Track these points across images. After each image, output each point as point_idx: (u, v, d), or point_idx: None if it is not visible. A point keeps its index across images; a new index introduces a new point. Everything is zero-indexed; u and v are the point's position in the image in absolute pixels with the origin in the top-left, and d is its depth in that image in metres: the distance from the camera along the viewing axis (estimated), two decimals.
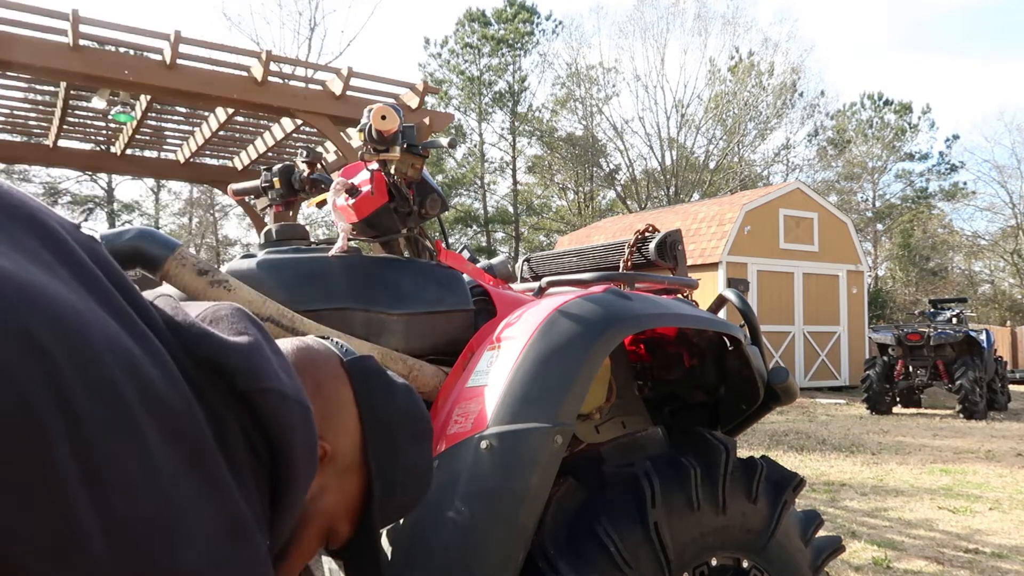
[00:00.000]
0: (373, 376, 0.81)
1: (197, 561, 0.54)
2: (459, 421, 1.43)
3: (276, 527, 0.64)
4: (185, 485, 0.54)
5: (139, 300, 0.62)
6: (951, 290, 26.78)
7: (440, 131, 6.58)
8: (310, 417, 0.67)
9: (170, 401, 0.56)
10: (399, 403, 0.82)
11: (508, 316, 1.58)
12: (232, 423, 0.61)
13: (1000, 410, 10.48)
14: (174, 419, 0.56)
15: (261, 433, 0.62)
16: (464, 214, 29.52)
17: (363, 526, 0.79)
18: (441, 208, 1.77)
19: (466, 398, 1.46)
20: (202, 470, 0.56)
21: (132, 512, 0.50)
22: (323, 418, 0.73)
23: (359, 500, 0.78)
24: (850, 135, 31.71)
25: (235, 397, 0.62)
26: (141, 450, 0.52)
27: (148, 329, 0.59)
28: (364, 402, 0.78)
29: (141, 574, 0.51)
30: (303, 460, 0.66)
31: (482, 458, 1.33)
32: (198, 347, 0.63)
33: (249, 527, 0.59)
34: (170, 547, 0.52)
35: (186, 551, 0.53)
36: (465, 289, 1.68)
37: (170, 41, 5.49)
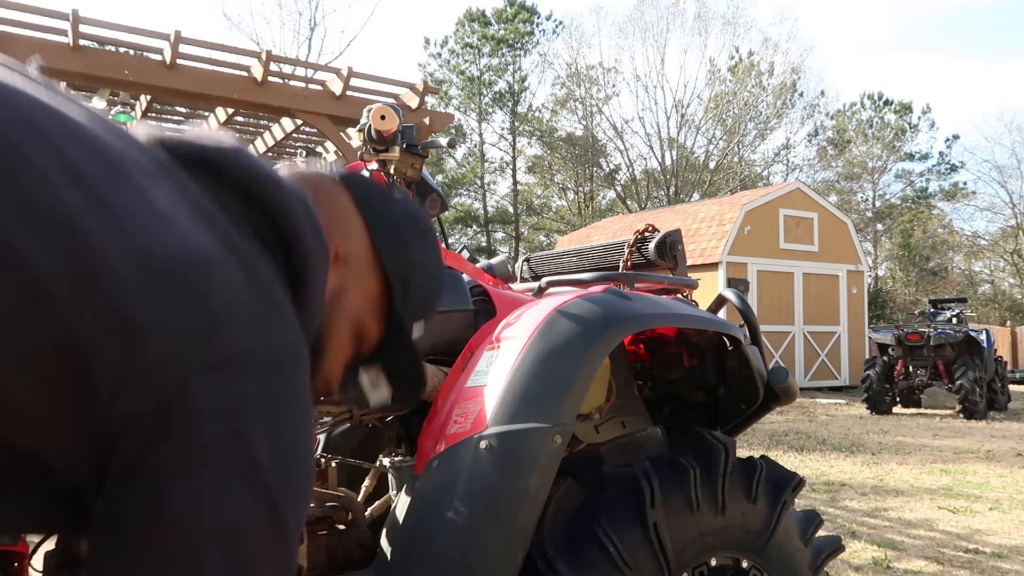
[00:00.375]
0: (369, 186, 0.83)
1: (230, 300, 0.53)
2: (459, 421, 1.43)
3: (302, 320, 0.64)
4: (205, 238, 0.54)
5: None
6: (951, 290, 26.77)
7: (440, 131, 6.58)
8: (309, 205, 0.68)
9: (171, 176, 0.58)
10: (399, 207, 0.84)
11: (508, 316, 1.58)
12: (235, 210, 0.61)
13: (1000, 410, 10.47)
14: (176, 184, 0.57)
15: (266, 222, 0.62)
16: (464, 214, 29.52)
17: (391, 323, 0.82)
18: (441, 208, 1.77)
19: (466, 398, 1.46)
20: (217, 232, 0.56)
21: (155, 245, 0.50)
22: (329, 227, 0.73)
23: (381, 298, 0.81)
24: (850, 135, 31.70)
25: (232, 190, 0.62)
26: (146, 196, 0.53)
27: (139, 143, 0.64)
28: (366, 209, 0.80)
29: (177, 309, 0.50)
30: (313, 245, 0.65)
31: (482, 458, 1.33)
32: (191, 149, 0.67)
33: (275, 289, 0.58)
34: (205, 281, 0.52)
35: (220, 287, 0.53)
36: (465, 289, 1.68)
37: (170, 41, 5.49)
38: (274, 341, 0.56)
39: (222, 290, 0.53)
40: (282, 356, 0.56)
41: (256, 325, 0.54)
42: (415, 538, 1.36)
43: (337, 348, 0.78)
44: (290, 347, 0.58)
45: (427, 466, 1.45)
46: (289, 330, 0.58)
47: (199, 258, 0.52)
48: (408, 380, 0.87)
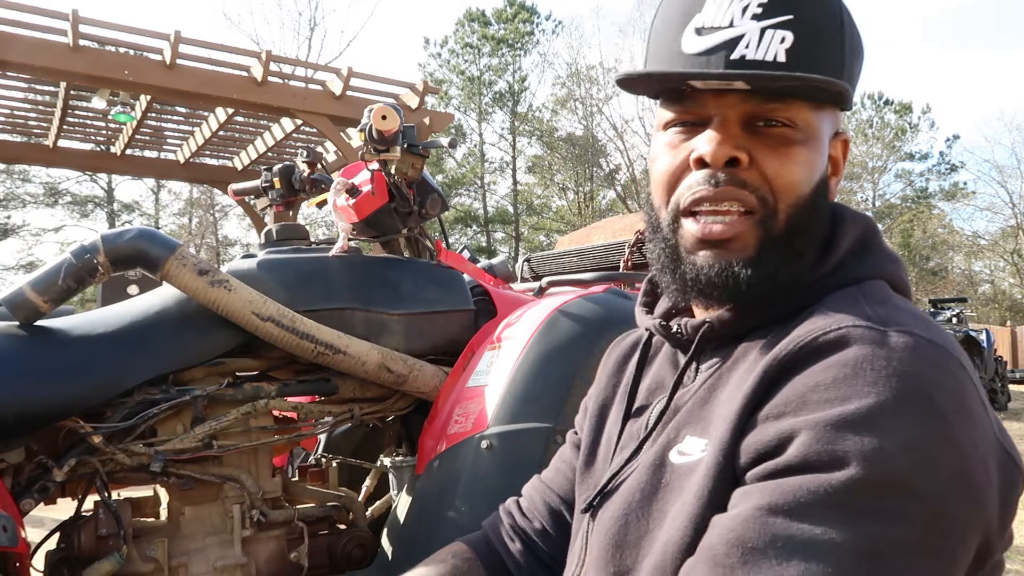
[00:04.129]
0: None
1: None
2: (459, 421, 1.43)
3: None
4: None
5: None
6: (951, 290, 26.76)
7: (440, 131, 6.58)
8: None
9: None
10: None
11: (508, 316, 1.59)
12: None
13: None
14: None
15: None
16: (464, 214, 29.50)
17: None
18: (441, 208, 1.77)
19: (466, 398, 1.46)
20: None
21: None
22: None
23: None
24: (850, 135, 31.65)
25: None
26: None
27: None
28: None
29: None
30: None
31: (482, 458, 1.33)
32: None
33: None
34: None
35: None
36: (465, 289, 1.68)
37: (170, 41, 5.49)
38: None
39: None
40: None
41: None
42: (415, 538, 1.36)
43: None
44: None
45: (428, 466, 1.45)
46: None
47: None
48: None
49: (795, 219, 0.65)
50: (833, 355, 0.55)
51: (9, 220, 23.11)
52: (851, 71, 0.68)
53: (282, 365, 1.54)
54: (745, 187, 0.65)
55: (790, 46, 0.62)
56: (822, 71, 0.63)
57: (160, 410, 1.35)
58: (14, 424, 1.21)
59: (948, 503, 0.50)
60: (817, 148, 0.67)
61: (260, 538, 1.44)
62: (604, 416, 0.82)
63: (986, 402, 0.58)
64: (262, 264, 1.50)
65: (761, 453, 0.55)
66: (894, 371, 0.53)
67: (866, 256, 0.68)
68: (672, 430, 0.68)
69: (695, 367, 0.72)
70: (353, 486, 1.82)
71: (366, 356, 1.46)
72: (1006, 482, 0.55)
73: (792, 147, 0.65)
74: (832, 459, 0.51)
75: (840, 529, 0.48)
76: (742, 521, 0.53)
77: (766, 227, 0.65)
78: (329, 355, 1.42)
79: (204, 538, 1.40)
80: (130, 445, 1.33)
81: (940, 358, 0.55)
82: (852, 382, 0.53)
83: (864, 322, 0.57)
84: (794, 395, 0.55)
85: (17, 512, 1.17)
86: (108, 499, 1.32)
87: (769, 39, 0.63)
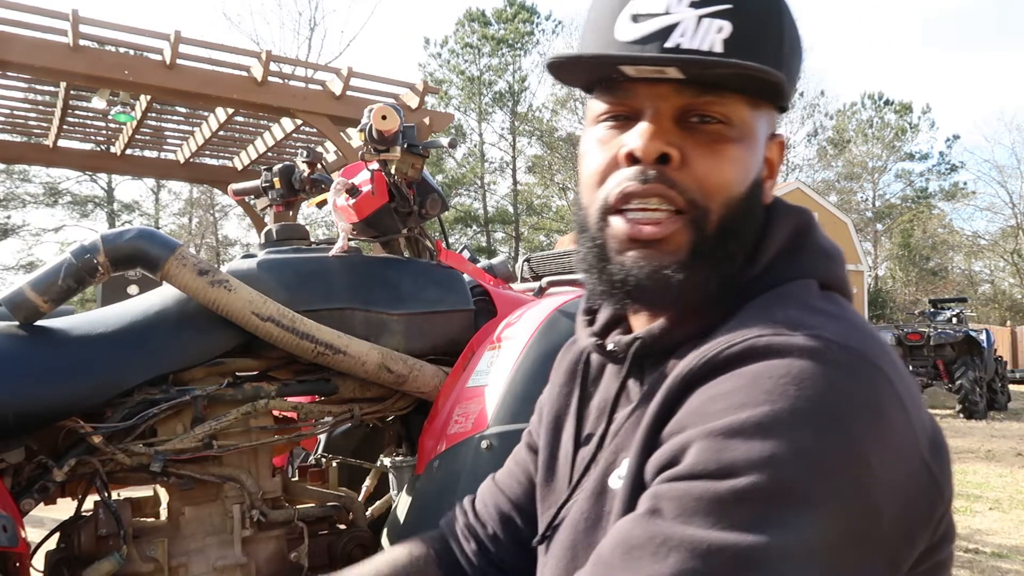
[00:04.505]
0: None
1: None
2: (459, 421, 1.43)
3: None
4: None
5: None
6: (951, 290, 26.75)
7: (440, 131, 6.58)
8: None
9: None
10: None
11: (508, 316, 1.58)
12: None
13: (1000, 410, 10.47)
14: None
15: None
16: (464, 214, 29.50)
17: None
18: (441, 208, 1.77)
19: (466, 398, 1.46)
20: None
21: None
22: None
23: None
24: (850, 135, 31.69)
25: None
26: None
27: None
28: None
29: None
30: None
31: (482, 458, 1.33)
32: None
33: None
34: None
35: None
36: (465, 289, 1.68)
37: (170, 41, 5.49)
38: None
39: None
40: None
41: None
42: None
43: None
44: None
45: (428, 466, 1.45)
46: None
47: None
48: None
49: (727, 221, 0.63)
50: (735, 368, 0.54)
51: (9, 220, 23.12)
52: (790, 68, 0.65)
53: (282, 365, 1.54)
54: (675, 187, 0.62)
55: (728, 36, 0.60)
56: (765, 61, 0.60)
57: (160, 410, 1.35)
58: (14, 424, 1.21)
59: (841, 513, 0.48)
60: (752, 147, 0.64)
61: (260, 538, 1.44)
62: (559, 429, 0.79)
63: (911, 407, 0.55)
64: (262, 264, 1.50)
65: (660, 467, 0.54)
66: (793, 379, 0.51)
67: (797, 256, 0.66)
68: (611, 454, 0.66)
69: (634, 384, 0.70)
70: (353, 486, 1.82)
71: (366, 356, 1.46)
72: (922, 494, 0.54)
73: (726, 145, 0.62)
74: (720, 467, 0.50)
75: (723, 533, 0.48)
76: (629, 523, 0.53)
77: (698, 229, 0.62)
78: (329, 355, 1.42)
79: (204, 538, 1.40)
80: (130, 445, 1.33)
81: (851, 362, 0.53)
82: (749, 391, 0.52)
83: (770, 330, 0.55)
84: (692, 409, 0.54)
85: (17, 512, 1.17)
86: (108, 499, 1.32)
87: (706, 28, 0.60)
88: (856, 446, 0.50)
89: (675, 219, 0.62)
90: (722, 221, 0.63)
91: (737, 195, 0.63)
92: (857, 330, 0.57)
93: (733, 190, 0.63)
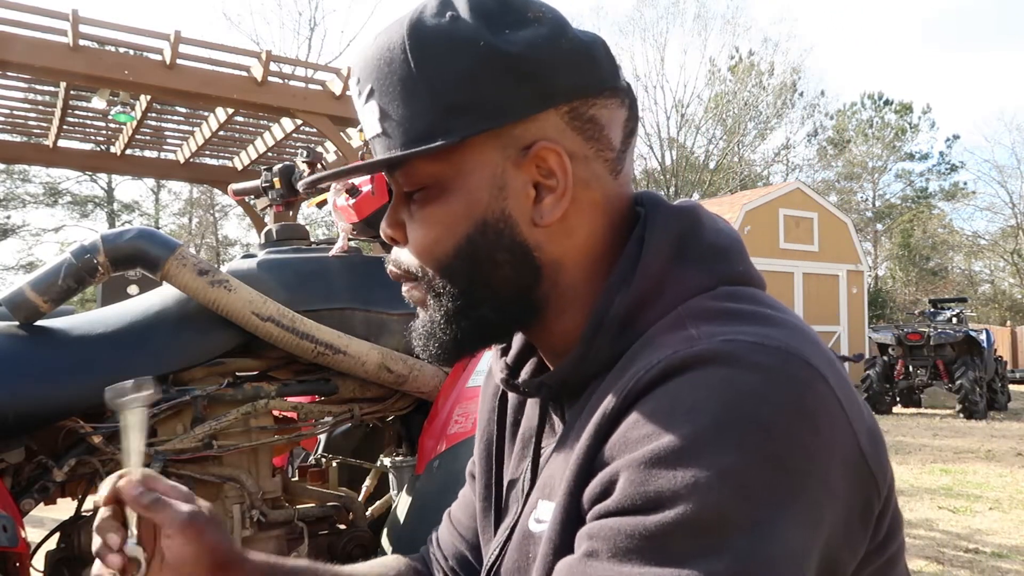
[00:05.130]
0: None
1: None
2: (459, 421, 1.43)
3: None
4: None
5: None
6: (951, 290, 26.76)
7: None
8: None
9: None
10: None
11: None
12: None
13: (1000, 410, 10.47)
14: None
15: None
16: None
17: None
18: None
19: (466, 398, 1.46)
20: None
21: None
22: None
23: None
24: (850, 135, 31.68)
25: None
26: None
27: None
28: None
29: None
30: None
31: None
32: None
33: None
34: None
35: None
36: None
37: (170, 41, 5.49)
38: None
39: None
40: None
41: None
42: (415, 538, 1.36)
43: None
44: None
45: (428, 466, 1.45)
46: None
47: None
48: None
49: (449, 275, 0.62)
50: (656, 388, 0.52)
51: (9, 220, 23.13)
52: (442, 100, 0.59)
53: (282, 365, 1.54)
54: (400, 266, 0.66)
55: (379, 115, 0.61)
56: (411, 125, 0.59)
57: (160, 410, 1.35)
58: (14, 424, 1.21)
59: (773, 530, 0.46)
60: (457, 194, 0.61)
61: (260, 538, 1.44)
62: (490, 459, 0.76)
63: (844, 399, 0.52)
64: (262, 264, 1.50)
65: (592, 501, 0.53)
66: (713, 391, 0.49)
67: (685, 263, 0.62)
68: (534, 497, 0.64)
69: (555, 416, 0.68)
70: (353, 486, 1.82)
71: (366, 356, 1.46)
72: (861, 493, 0.52)
73: (425, 208, 0.62)
74: (646, 501, 0.48)
75: (659, 569, 0.46)
76: (567, 567, 0.52)
77: (429, 289, 0.64)
78: (329, 355, 1.42)
79: None
80: None
81: (775, 362, 0.50)
82: (669, 413, 0.50)
83: (684, 345, 0.53)
84: (619, 438, 0.52)
85: (17, 512, 1.17)
86: None
87: (368, 115, 0.62)
88: (786, 455, 0.48)
89: (415, 285, 0.66)
90: (443, 277, 0.63)
91: (447, 251, 0.62)
92: (777, 326, 0.54)
93: (437, 250, 0.62)
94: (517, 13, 0.60)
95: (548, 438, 0.68)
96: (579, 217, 0.62)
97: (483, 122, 0.59)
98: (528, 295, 0.63)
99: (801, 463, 0.48)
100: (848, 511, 0.51)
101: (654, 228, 0.62)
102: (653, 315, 0.59)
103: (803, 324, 0.57)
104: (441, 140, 0.59)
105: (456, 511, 0.85)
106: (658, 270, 0.61)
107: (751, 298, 0.59)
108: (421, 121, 0.59)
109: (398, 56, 0.60)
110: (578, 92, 0.60)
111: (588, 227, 0.63)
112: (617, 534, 0.49)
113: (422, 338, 0.66)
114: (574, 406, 0.63)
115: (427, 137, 0.59)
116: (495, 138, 0.60)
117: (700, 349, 0.51)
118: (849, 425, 0.52)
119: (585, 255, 0.63)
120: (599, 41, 0.63)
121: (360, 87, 0.63)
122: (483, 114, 0.59)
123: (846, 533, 0.52)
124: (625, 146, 0.64)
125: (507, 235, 0.61)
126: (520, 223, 0.61)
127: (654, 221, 0.63)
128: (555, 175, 0.60)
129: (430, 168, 0.61)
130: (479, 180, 0.61)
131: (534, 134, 0.60)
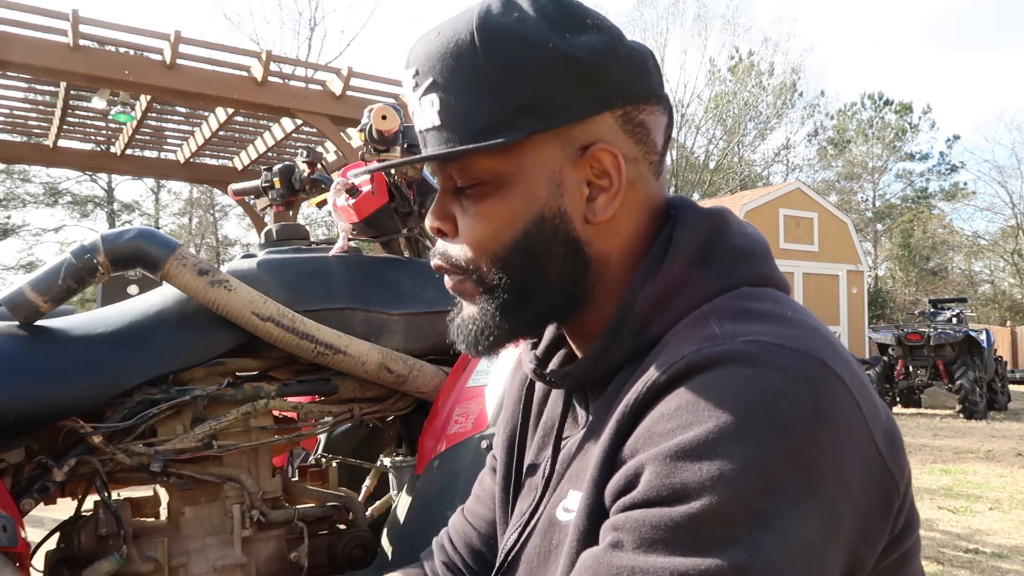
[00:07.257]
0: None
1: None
2: (459, 421, 1.43)
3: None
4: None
5: None
6: (951, 290, 26.76)
7: None
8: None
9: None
10: None
11: None
12: None
13: (1000, 410, 10.47)
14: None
15: None
16: None
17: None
18: None
19: (466, 398, 1.46)
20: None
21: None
22: None
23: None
24: (850, 135, 31.70)
25: None
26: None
27: None
28: None
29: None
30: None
31: (482, 458, 1.33)
32: None
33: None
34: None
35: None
36: None
37: (170, 41, 5.49)
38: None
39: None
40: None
41: None
42: (415, 538, 1.36)
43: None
44: None
45: (428, 466, 1.45)
46: None
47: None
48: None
49: (504, 268, 0.64)
50: (679, 385, 0.53)
51: (9, 220, 23.12)
52: (510, 97, 0.61)
53: (282, 365, 1.54)
54: (449, 260, 0.66)
55: (439, 107, 0.62)
56: (475, 119, 0.61)
57: (160, 410, 1.35)
58: (14, 424, 1.21)
59: (797, 523, 0.48)
60: (516, 190, 0.63)
61: (260, 538, 1.44)
62: (512, 450, 0.78)
63: (862, 400, 0.53)
64: (262, 264, 1.50)
65: (616, 494, 0.54)
66: (736, 389, 0.51)
67: (712, 264, 0.63)
68: (563, 486, 0.65)
69: (580, 408, 0.69)
70: (353, 486, 1.82)
71: (366, 356, 1.46)
72: (880, 490, 0.53)
73: (481, 203, 0.64)
74: (672, 492, 0.50)
75: (684, 559, 0.48)
76: (593, 558, 0.53)
77: (479, 283, 0.65)
78: (329, 355, 1.42)
79: (204, 538, 1.40)
80: (130, 445, 1.33)
81: (793, 363, 0.52)
82: (694, 408, 0.51)
83: (708, 343, 0.54)
84: (643, 432, 0.54)
85: (17, 512, 1.17)
86: (108, 499, 1.32)
87: (426, 107, 0.63)
88: (806, 452, 0.49)
89: (461, 278, 0.67)
90: (496, 272, 0.64)
91: (502, 245, 0.64)
92: (796, 327, 0.56)
93: (491, 244, 0.64)
94: (578, 19, 0.62)
95: (571, 428, 0.70)
96: (626, 216, 0.65)
97: (547, 121, 0.61)
98: (575, 288, 0.66)
99: (820, 461, 0.50)
100: (867, 508, 0.52)
101: (682, 229, 0.65)
102: (675, 312, 0.61)
103: (821, 325, 0.58)
104: (506, 136, 0.61)
105: (472, 507, 0.86)
106: (681, 269, 0.63)
107: (772, 299, 0.61)
108: (485, 116, 0.61)
109: (467, 51, 0.61)
110: (632, 97, 0.63)
111: (633, 225, 0.66)
112: (642, 525, 0.50)
113: (471, 331, 0.67)
114: (599, 399, 0.65)
115: (489, 132, 0.61)
116: (555, 137, 0.62)
117: (723, 349, 0.53)
118: (866, 425, 0.53)
119: (628, 252, 0.66)
120: (649, 52, 0.66)
121: (419, 79, 0.63)
122: (547, 113, 0.61)
123: (865, 529, 0.53)
124: (664, 150, 0.68)
125: (562, 231, 0.64)
126: (574, 219, 0.64)
127: (683, 222, 0.65)
128: (608, 175, 0.63)
129: (488, 163, 0.62)
130: (539, 177, 0.63)
131: (591, 135, 0.62)
